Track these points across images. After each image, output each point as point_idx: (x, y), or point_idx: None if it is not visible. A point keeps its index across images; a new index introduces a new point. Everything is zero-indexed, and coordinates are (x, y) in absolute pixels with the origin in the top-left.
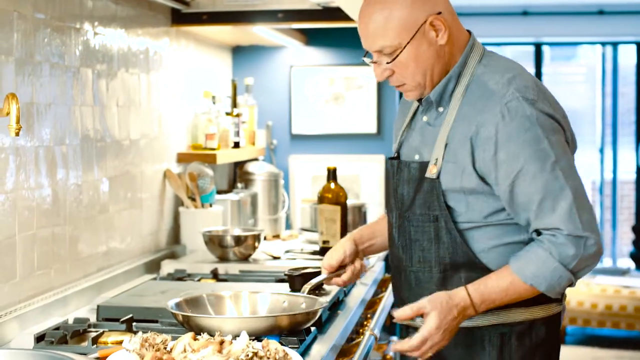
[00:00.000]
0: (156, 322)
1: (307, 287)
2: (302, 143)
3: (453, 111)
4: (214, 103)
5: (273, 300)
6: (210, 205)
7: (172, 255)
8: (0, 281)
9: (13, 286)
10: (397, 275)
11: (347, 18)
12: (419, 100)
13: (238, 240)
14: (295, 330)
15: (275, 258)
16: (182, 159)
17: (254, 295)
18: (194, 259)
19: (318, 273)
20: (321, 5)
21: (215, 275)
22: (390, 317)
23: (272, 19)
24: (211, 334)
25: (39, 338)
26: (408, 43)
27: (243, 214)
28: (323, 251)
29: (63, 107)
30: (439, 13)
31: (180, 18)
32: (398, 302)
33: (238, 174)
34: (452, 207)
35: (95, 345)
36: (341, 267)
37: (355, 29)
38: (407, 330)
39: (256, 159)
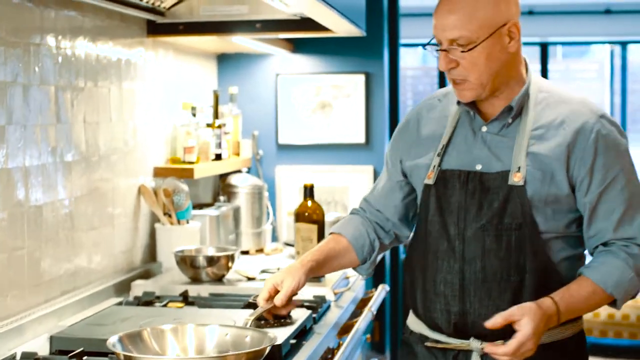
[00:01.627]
0: (106, 355)
1: (249, 319)
2: (289, 153)
3: (529, 121)
4: (193, 115)
5: (221, 334)
6: (187, 222)
7: (147, 274)
8: None
9: None
10: (459, 289)
11: (324, 29)
12: (469, 107)
13: (211, 260)
14: None
15: (249, 279)
16: (159, 173)
17: (201, 329)
18: (166, 279)
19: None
20: (298, 16)
21: (185, 298)
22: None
23: (250, 29)
24: None
25: None
26: (485, 40)
27: (225, 229)
28: None
29: (18, 127)
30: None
31: (155, 29)
32: (456, 319)
33: (220, 187)
34: (533, 216)
35: None
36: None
37: (339, 38)
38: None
39: (239, 171)
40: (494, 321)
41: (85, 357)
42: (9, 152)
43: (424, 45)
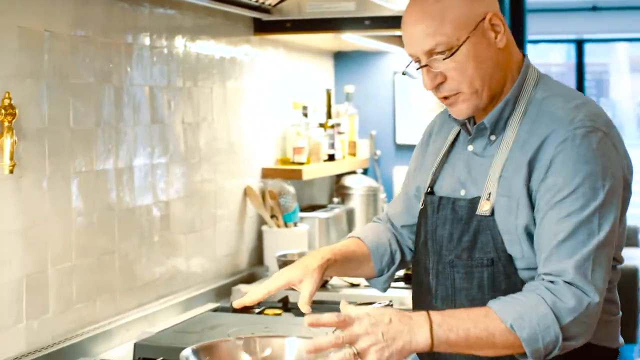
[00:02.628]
0: None
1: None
2: (407, 153)
3: (510, 139)
4: (305, 114)
5: (300, 347)
6: (295, 224)
7: (251, 278)
8: (29, 318)
9: (44, 322)
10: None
11: None
12: (464, 126)
13: None
14: None
15: (353, 285)
16: (267, 174)
17: (279, 341)
18: None
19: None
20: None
21: (284, 304)
22: None
23: (359, 26)
24: None
25: None
26: (467, 39)
27: (338, 231)
28: (407, 277)
29: (108, 128)
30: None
31: (262, 27)
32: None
33: (334, 188)
34: (507, 250)
35: None
36: None
37: None
38: None
39: (354, 172)
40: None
41: None
42: (98, 153)
43: (403, 72)
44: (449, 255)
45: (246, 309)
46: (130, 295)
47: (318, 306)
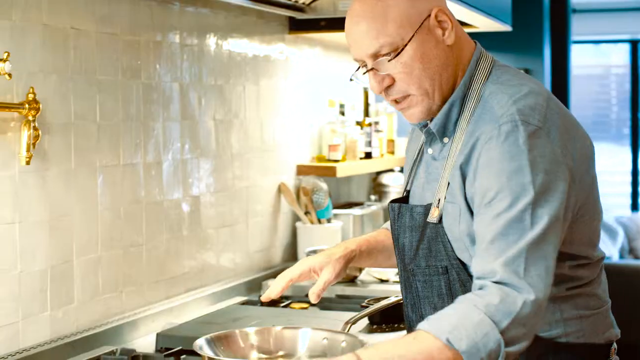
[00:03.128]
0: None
1: (349, 324)
2: None
3: (458, 142)
4: (342, 113)
5: (316, 338)
6: (328, 221)
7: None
8: (54, 307)
9: (69, 312)
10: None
11: (464, 24)
12: (422, 129)
13: None
14: None
15: (382, 281)
16: (302, 171)
17: (293, 332)
18: None
19: (394, 304)
20: None
21: None
22: None
23: None
24: None
25: None
26: (412, 37)
27: (373, 229)
28: None
29: (135, 123)
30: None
31: (296, 25)
32: None
33: (372, 186)
34: (459, 258)
35: None
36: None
37: (495, 34)
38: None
39: (392, 170)
40: None
41: (183, 356)
42: (125, 148)
43: (350, 78)
44: (410, 264)
45: (273, 303)
46: (158, 288)
47: (345, 301)
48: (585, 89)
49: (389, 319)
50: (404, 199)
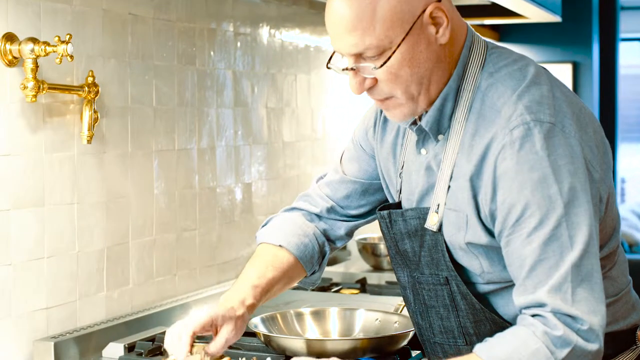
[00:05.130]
0: (255, 336)
1: (401, 304)
2: None
3: (455, 141)
4: None
5: (369, 318)
6: None
7: (333, 261)
8: (110, 288)
9: (124, 293)
10: (422, 344)
11: (514, 14)
12: (411, 125)
13: None
14: (388, 353)
15: None
16: None
17: (346, 312)
18: (349, 266)
19: None
20: (490, 1)
21: (362, 285)
22: None
23: None
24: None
25: (130, 348)
26: (402, 41)
27: None
28: None
29: (189, 108)
30: (439, 1)
31: None
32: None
33: None
34: (465, 266)
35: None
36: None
37: (543, 26)
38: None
39: None
40: None
41: None
42: (180, 133)
43: (327, 66)
44: (415, 271)
45: (323, 288)
46: (209, 272)
47: (395, 286)
48: (630, 88)
49: None
50: (396, 205)
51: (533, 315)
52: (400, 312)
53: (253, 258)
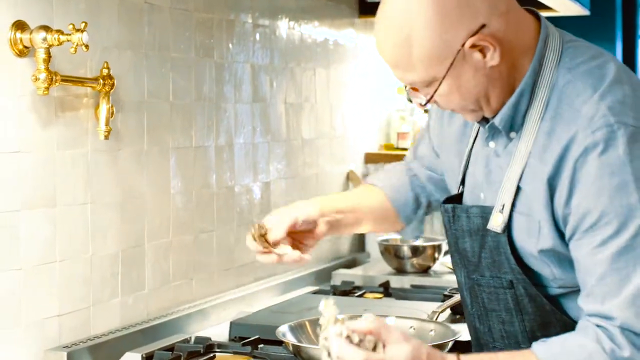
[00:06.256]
0: (281, 344)
1: (437, 311)
2: None
3: (529, 140)
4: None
5: (401, 326)
6: None
7: (352, 264)
8: (124, 293)
9: (139, 298)
10: (478, 349)
11: (544, 7)
12: (481, 121)
13: (415, 250)
14: None
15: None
16: (370, 159)
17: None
18: (370, 269)
19: None
20: None
21: (385, 289)
22: None
23: None
24: None
25: (148, 358)
26: (445, 76)
27: (439, 221)
28: None
29: (207, 103)
30: (483, 26)
31: (367, 9)
32: None
33: None
34: (535, 270)
35: None
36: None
37: (566, 21)
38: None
39: None
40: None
41: (260, 345)
42: (197, 129)
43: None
44: (474, 272)
45: (346, 292)
46: (227, 276)
47: (421, 291)
48: None
49: None
50: (457, 198)
51: (598, 326)
52: (436, 319)
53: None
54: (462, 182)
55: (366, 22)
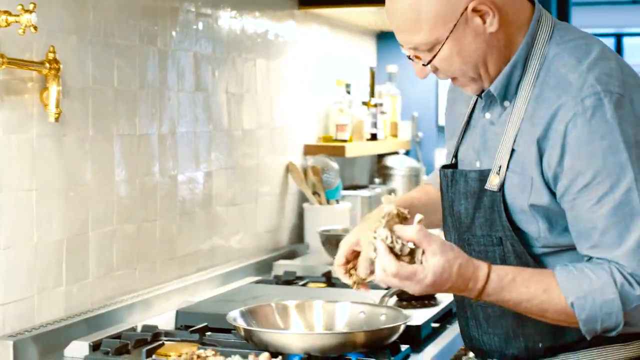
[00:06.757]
0: (230, 332)
1: (386, 297)
2: None
3: (521, 107)
4: (348, 92)
5: (354, 311)
6: (337, 202)
7: (291, 255)
8: (68, 282)
9: (84, 287)
10: (461, 310)
11: None
12: (479, 94)
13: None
14: (377, 347)
15: None
16: (309, 151)
17: (330, 306)
18: (311, 259)
19: None
20: None
21: (328, 279)
22: None
23: None
24: (272, 353)
25: (95, 346)
26: (447, 38)
27: None
28: None
29: (151, 91)
30: None
31: (306, 0)
32: (469, 344)
33: (376, 168)
34: (522, 229)
35: (149, 358)
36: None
37: None
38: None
39: (396, 153)
40: (408, 232)
41: (208, 333)
42: (141, 117)
43: (402, 49)
44: (466, 233)
45: (289, 282)
46: (170, 266)
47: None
48: None
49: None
50: (453, 165)
51: (611, 263)
52: (386, 304)
53: None
54: (455, 155)
55: (306, 14)
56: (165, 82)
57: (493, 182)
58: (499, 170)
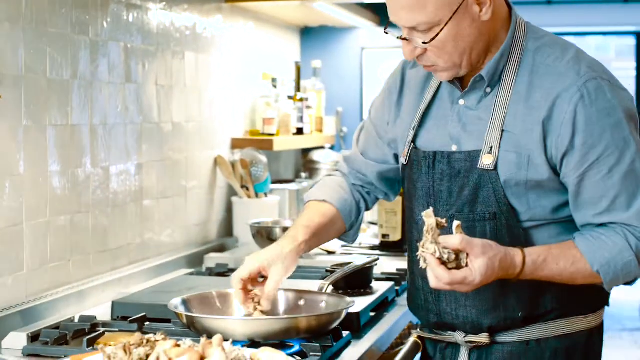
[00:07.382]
0: (169, 321)
1: (325, 283)
2: None
3: (507, 92)
4: (274, 86)
5: (294, 299)
6: (266, 195)
7: (221, 248)
8: (3, 274)
9: (19, 279)
10: (428, 287)
11: None
12: (453, 82)
13: None
14: (320, 333)
15: (329, 253)
16: (237, 144)
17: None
18: (242, 252)
19: (359, 268)
20: None
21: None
22: None
23: None
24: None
25: (34, 337)
26: (450, 20)
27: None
28: (383, 245)
29: (84, 82)
30: None
31: None
32: (435, 319)
33: (302, 163)
34: (512, 203)
35: (90, 348)
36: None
37: None
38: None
39: (322, 147)
40: (452, 240)
41: (147, 323)
42: (74, 107)
43: (384, 31)
44: (450, 210)
45: (223, 274)
46: (103, 258)
47: (298, 270)
48: None
49: (353, 284)
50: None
51: (623, 227)
52: (325, 291)
53: (301, 212)
54: (414, 140)
55: (233, 8)
56: (96, 73)
57: (486, 162)
58: (491, 150)
